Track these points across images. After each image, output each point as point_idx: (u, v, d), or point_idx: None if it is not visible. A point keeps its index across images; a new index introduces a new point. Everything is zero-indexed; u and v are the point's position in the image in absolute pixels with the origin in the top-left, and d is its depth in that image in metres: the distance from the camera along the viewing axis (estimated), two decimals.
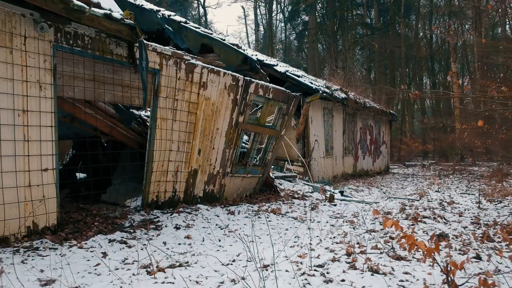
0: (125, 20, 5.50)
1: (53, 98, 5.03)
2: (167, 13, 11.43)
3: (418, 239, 2.72)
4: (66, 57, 5.28)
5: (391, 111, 20.67)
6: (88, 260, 4.11)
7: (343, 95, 14.14)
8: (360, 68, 40.91)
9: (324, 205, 8.31)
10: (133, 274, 3.72)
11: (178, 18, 11.29)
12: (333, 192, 9.86)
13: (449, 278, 2.52)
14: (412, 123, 36.98)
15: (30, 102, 4.78)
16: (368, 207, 8.14)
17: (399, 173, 22.25)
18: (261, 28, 44.01)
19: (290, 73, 12.23)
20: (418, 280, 3.66)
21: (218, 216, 6.48)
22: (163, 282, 3.53)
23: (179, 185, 6.99)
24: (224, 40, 10.82)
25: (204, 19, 43.77)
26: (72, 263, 3.96)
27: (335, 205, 8.37)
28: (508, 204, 8.94)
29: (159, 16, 10.93)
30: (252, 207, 7.46)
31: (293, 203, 8.15)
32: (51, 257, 4.09)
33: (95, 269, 3.85)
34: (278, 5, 42.94)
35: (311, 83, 12.46)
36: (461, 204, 8.99)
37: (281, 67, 12.45)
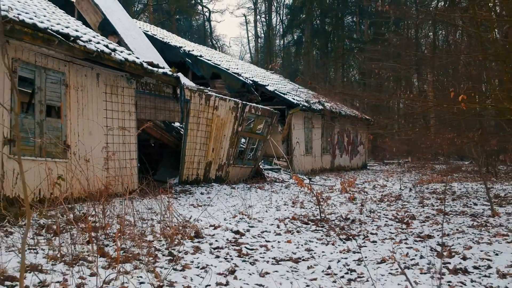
0: (174, 74, 9.62)
1: (135, 120, 9.16)
2: (187, 48, 15.59)
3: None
4: (141, 96, 9.41)
5: (367, 117, 24.71)
6: (162, 203, 8.22)
7: (320, 107, 18.23)
8: (356, 71, 44.95)
9: (296, 186, 12.43)
10: (186, 208, 7.84)
11: (195, 52, 15.45)
12: (304, 179, 13.97)
13: (318, 198, 6.55)
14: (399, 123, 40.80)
15: (125, 123, 8.91)
16: (324, 188, 12.25)
17: (375, 169, 26.33)
18: (261, 35, 48.25)
19: (277, 91, 16.35)
20: None
21: (225, 189, 10.60)
22: (202, 210, 7.65)
23: (200, 171, 11.11)
24: (228, 69, 14.98)
25: (208, 27, 48.07)
26: (156, 204, 8.07)
27: None
28: (423, 187, 13.02)
29: (181, 51, 15.08)
30: (246, 185, 11.59)
31: (274, 184, 12.28)
32: (142, 203, 8.20)
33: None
34: (278, 15, 47.25)
35: (293, 98, 16.57)
36: (392, 187, 13.08)
37: (271, 86, 16.56)
